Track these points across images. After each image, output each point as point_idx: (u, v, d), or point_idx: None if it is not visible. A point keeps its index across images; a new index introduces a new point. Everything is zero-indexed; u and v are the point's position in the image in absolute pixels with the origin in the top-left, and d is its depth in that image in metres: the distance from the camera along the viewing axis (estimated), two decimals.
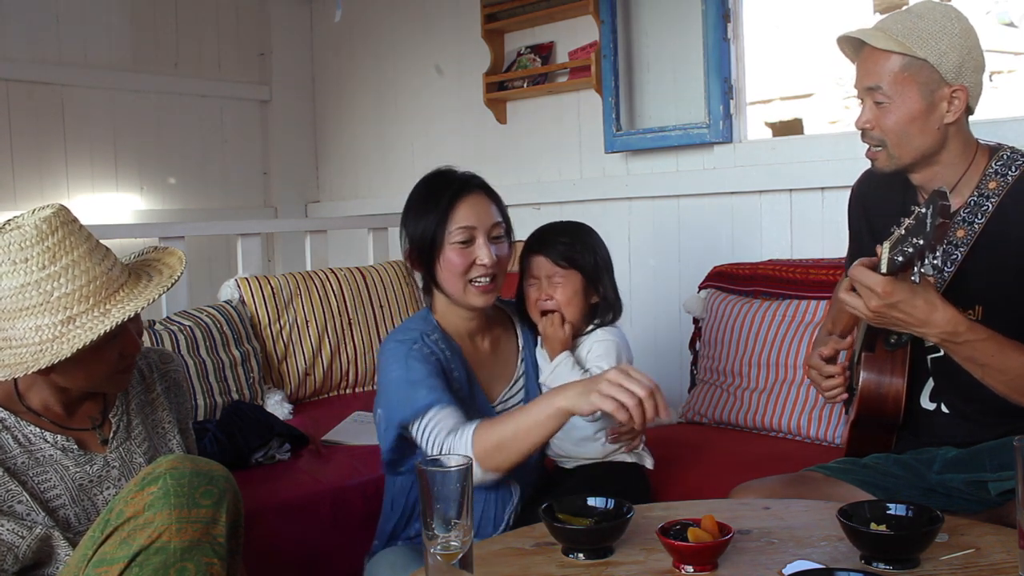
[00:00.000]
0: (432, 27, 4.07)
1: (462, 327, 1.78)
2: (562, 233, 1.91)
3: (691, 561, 1.23)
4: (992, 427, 1.60)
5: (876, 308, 1.39)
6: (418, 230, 1.71)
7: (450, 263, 1.69)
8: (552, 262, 1.87)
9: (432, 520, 1.12)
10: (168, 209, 4.30)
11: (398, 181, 4.29)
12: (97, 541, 1.28)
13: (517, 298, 1.94)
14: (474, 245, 1.70)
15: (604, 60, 3.21)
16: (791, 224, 2.85)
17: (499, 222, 1.74)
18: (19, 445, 1.44)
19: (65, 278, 1.37)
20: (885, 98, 1.55)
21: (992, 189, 1.56)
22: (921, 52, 1.51)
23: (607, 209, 3.33)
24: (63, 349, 1.34)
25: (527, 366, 1.87)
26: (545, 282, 1.87)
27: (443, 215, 1.68)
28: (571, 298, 1.86)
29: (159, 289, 1.44)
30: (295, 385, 2.92)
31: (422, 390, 1.62)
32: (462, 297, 1.72)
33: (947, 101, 1.54)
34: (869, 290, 1.38)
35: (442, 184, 1.73)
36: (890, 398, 1.64)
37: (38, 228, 1.37)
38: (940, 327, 1.40)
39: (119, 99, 4.14)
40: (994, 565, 1.20)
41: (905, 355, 1.64)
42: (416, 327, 1.74)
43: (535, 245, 1.91)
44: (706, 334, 2.64)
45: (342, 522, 2.17)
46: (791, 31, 7.02)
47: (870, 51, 1.57)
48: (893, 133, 1.56)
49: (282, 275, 3.04)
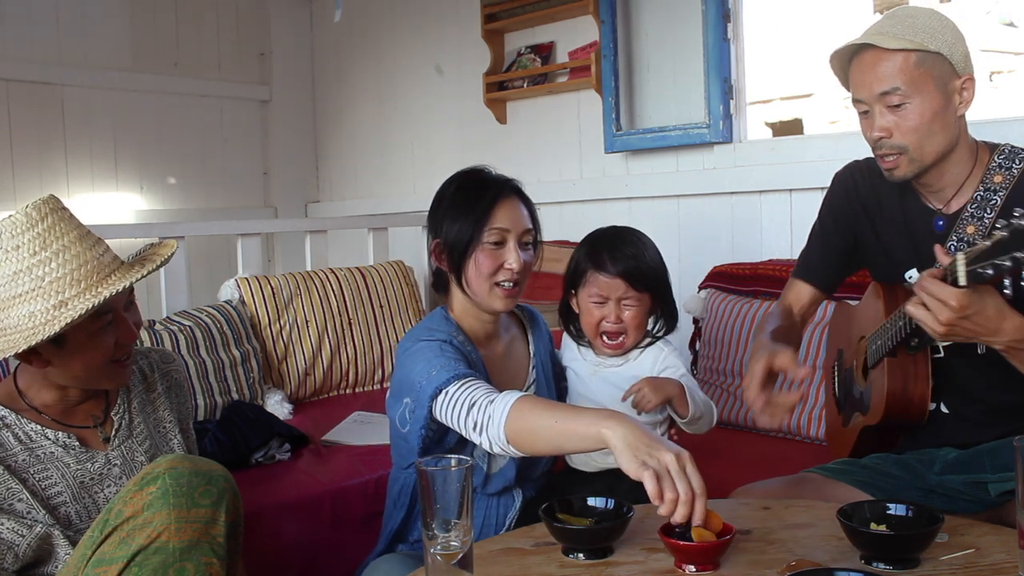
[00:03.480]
0: (432, 27, 4.07)
1: (479, 329, 1.76)
2: (630, 248, 1.79)
3: (693, 561, 1.23)
4: (992, 427, 1.60)
5: (948, 321, 1.32)
6: (454, 229, 1.68)
7: (480, 264, 1.67)
8: (629, 285, 1.77)
9: (432, 520, 1.12)
10: (168, 209, 4.31)
11: (398, 181, 4.30)
12: (96, 541, 1.28)
13: (563, 305, 1.89)
14: (504, 248, 1.68)
15: (604, 60, 3.21)
16: (791, 224, 2.85)
17: (530, 228, 1.72)
18: (20, 443, 1.44)
19: (56, 263, 1.37)
20: (903, 98, 1.51)
21: (998, 183, 1.55)
22: (934, 45, 1.50)
23: (607, 209, 3.33)
24: (55, 327, 1.34)
25: (538, 372, 1.85)
26: (614, 304, 1.78)
27: (482, 216, 1.66)
28: (640, 321, 1.79)
29: (150, 266, 1.45)
30: (295, 385, 2.92)
31: (461, 365, 1.57)
32: (486, 299, 1.69)
33: (959, 93, 1.53)
34: (942, 303, 1.31)
35: (481, 185, 1.71)
36: (915, 401, 1.62)
37: (28, 216, 1.38)
38: (1009, 335, 1.36)
39: (119, 99, 4.14)
40: (994, 565, 1.20)
41: (927, 359, 1.62)
42: (441, 328, 1.69)
43: (605, 263, 1.78)
44: (706, 334, 2.64)
45: (342, 522, 2.17)
46: (791, 31, 7.02)
47: (877, 55, 1.53)
48: (916, 134, 1.53)
49: (282, 275, 3.04)
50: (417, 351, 1.63)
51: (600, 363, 1.87)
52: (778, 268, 2.60)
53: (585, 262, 1.83)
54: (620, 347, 1.82)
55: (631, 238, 1.83)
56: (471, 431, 1.50)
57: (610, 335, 1.81)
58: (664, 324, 1.87)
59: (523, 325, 1.89)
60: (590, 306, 1.81)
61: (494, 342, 1.79)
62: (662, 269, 1.84)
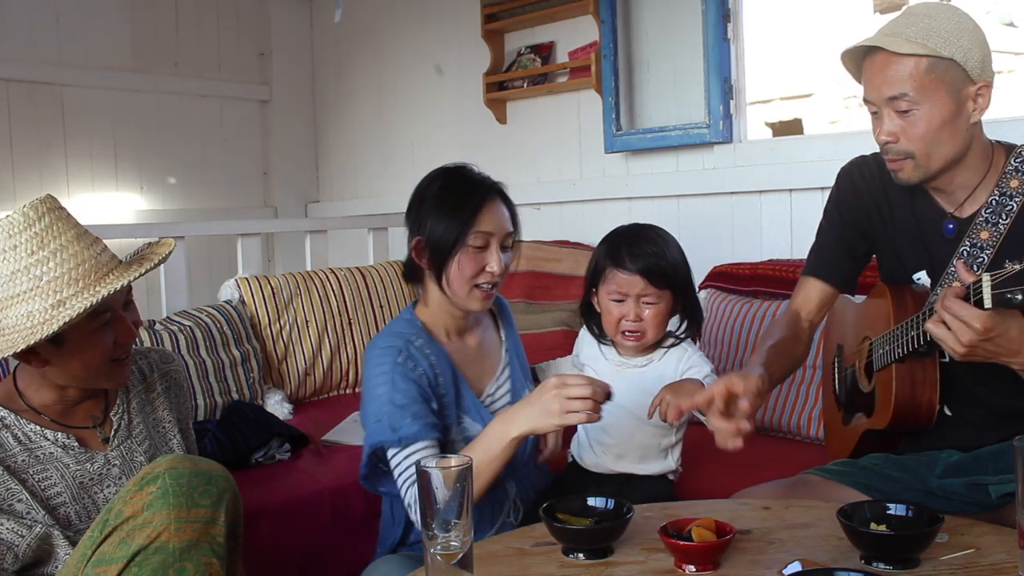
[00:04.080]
0: (432, 27, 4.07)
1: (451, 325, 1.77)
2: (650, 245, 1.78)
3: (693, 561, 1.23)
4: (995, 431, 1.58)
5: (970, 342, 1.29)
6: (439, 229, 1.67)
7: (462, 266, 1.68)
8: (648, 282, 1.75)
9: (432, 520, 1.12)
10: (168, 209, 4.31)
11: (398, 181, 4.30)
12: (96, 541, 1.28)
13: (584, 304, 1.89)
14: (487, 251, 1.69)
15: (604, 60, 3.21)
16: (791, 224, 2.85)
17: (511, 232, 1.74)
18: (19, 443, 1.44)
19: (54, 262, 1.37)
20: (912, 104, 1.47)
21: (1015, 188, 1.51)
22: (947, 51, 1.44)
23: (607, 209, 3.33)
24: (53, 327, 1.33)
25: (512, 359, 1.86)
26: (633, 301, 1.77)
27: (468, 219, 1.66)
28: (661, 319, 1.78)
29: (148, 265, 1.44)
30: (295, 385, 2.92)
31: (406, 418, 1.61)
32: (464, 299, 1.71)
33: (972, 100, 1.48)
34: (965, 325, 1.28)
35: (467, 186, 1.71)
36: (924, 406, 1.59)
37: (25, 215, 1.38)
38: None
39: (119, 99, 4.14)
40: (994, 565, 1.20)
41: (935, 364, 1.59)
42: (401, 331, 1.72)
43: (625, 260, 1.77)
44: (706, 334, 2.63)
45: (342, 522, 2.17)
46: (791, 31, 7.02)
47: (887, 58, 1.47)
48: (923, 141, 1.48)
49: (282, 275, 3.04)
50: (374, 368, 1.67)
51: (623, 363, 1.86)
52: (778, 268, 2.60)
53: (604, 259, 1.81)
54: (640, 340, 1.80)
55: (652, 235, 1.82)
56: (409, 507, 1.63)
57: (630, 332, 1.80)
58: (688, 324, 1.85)
59: (494, 315, 1.91)
60: (609, 304, 1.80)
61: (466, 335, 1.81)
62: (684, 267, 1.82)
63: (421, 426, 1.61)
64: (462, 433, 1.71)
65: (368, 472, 1.72)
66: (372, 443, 1.64)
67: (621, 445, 1.84)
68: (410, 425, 1.61)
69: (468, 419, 1.72)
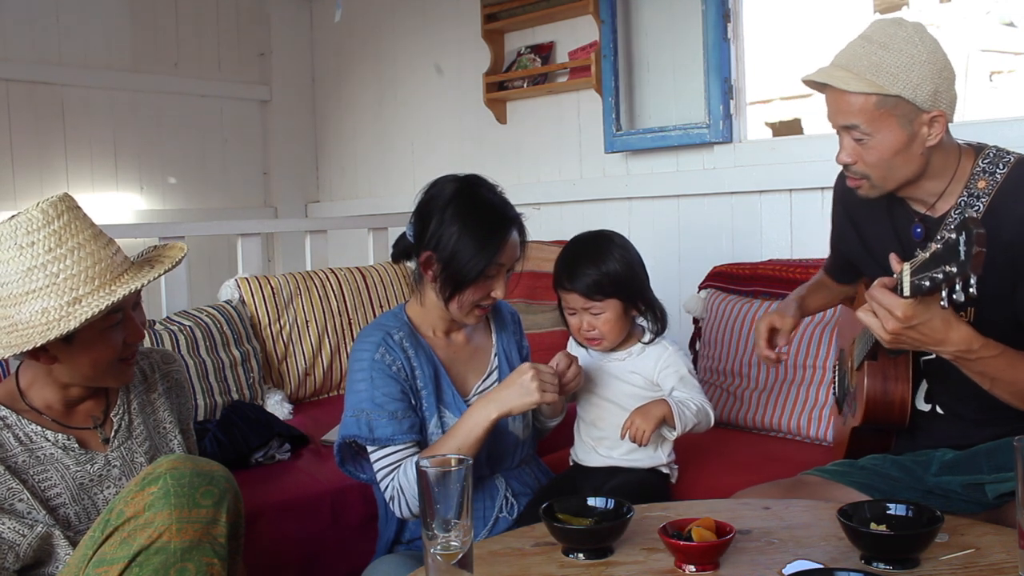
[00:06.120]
0: (432, 27, 4.07)
1: (439, 324, 1.82)
2: (587, 261, 1.84)
3: (693, 561, 1.23)
4: (987, 427, 1.59)
5: (894, 330, 1.35)
6: (463, 258, 1.68)
7: (473, 292, 1.72)
8: (587, 297, 1.83)
9: (432, 520, 1.12)
10: (168, 209, 4.31)
11: (398, 181, 4.30)
12: (97, 541, 1.28)
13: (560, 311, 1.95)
14: (495, 279, 1.73)
15: (604, 60, 3.21)
16: (791, 224, 2.85)
17: (518, 259, 1.78)
18: (20, 443, 1.44)
19: (71, 259, 1.38)
20: (864, 135, 1.50)
21: (982, 188, 1.53)
22: (894, 89, 1.46)
23: (607, 209, 3.33)
24: (70, 324, 1.34)
25: (500, 360, 1.88)
26: (583, 314, 1.86)
27: (493, 255, 1.69)
28: (613, 325, 1.86)
29: (162, 268, 1.46)
30: (295, 385, 2.92)
31: (383, 418, 1.67)
32: (461, 316, 1.76)
33: (927, 126, 1.49)
34: (888, 312, 1.34)
35: (493, 217, 1.71)
36: (896, 404, 1.63)
37: (44, 212, 1.38)
38: (956, 345, 1.37)
39: (119, 99, 4.14)
40: (994, 565, 1.20)
41: (908, 360, 1.63)
42: (384, 323, 1.78)
43: (563, 280, 1.86)
44: (706, 334, 2.64)
45: (342, 522, 2.17)
46: (791, 31, 7.02)
47: (838, 92, 1.51)
48: (877, 167, 1.52)
49: (282, 275, 3.04)
50: (356, 362, 1.73)
51: (603, 358, 1.94)
52: (778, 268, 2.60)
53: (555, 282, 1.91)
54: (601, 344, 1.90)
55: (591, 249, 1.87)
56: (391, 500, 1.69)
57: (589, 339, 1.90)
58: (651, 322, 1.90)
59: (487, 318, 1.93)
60: (567, 315, 1.92)
61: (453, 334, 1.85)
62: (628, 274, 1.85)
63: (396, 430, 1.67)
64: (443, 428, 1.74)
65: (342, 459, 1.78)
66: (344, 435, 1.71)
67: (611, 436, 1.89)
68: (385, 427, 1.67)
69: (449, 414, 1.75)
